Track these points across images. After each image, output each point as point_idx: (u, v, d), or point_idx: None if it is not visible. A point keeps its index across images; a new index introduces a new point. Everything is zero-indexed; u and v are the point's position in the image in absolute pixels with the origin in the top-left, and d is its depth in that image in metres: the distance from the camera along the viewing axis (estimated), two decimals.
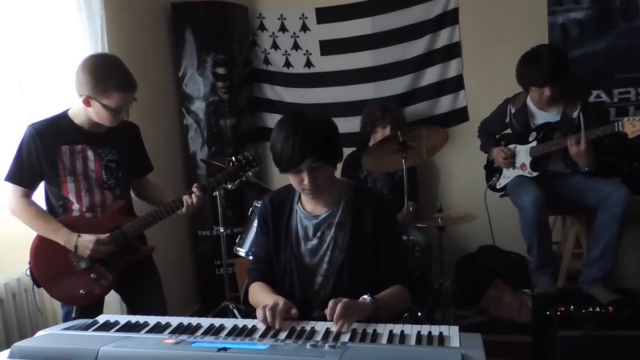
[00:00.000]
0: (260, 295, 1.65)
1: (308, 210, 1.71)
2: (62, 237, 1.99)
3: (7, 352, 1.29)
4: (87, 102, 1.96)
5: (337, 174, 3.40)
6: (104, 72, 1.93)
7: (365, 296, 1.50)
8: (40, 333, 1.39)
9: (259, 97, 3.89)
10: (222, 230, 2.95)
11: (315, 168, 1.57)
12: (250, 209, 2.83)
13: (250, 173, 2.24)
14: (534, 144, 2.80)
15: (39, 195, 2.12)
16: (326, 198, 1.68)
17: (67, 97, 2.20)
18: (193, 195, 2.11)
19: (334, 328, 1.35)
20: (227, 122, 3.58)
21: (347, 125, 3.63)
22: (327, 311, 1.39)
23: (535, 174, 2.79)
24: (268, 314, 1.40)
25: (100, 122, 2.02)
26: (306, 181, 1.58)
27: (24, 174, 2.02)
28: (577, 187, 2.71)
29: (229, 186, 2.77)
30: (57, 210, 2.08)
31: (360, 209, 1.67)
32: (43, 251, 2.02)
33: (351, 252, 1.65)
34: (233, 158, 2.24)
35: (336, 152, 1.64)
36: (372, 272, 1.67)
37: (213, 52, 3.49)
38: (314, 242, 1.69)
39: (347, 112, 3.69)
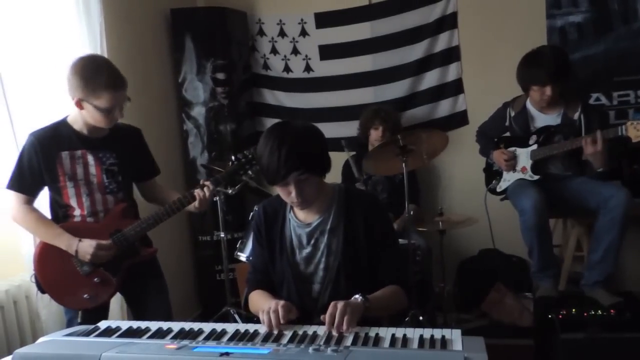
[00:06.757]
0: (261, 301, 1.65)
1: (300, 218, 1.70)
2: (64, 242, 2.00)
3: (8, 358, 1.29)
4: (79, 105, 1.97)
5: (338, 178, 3.42)
6: (91, 73, 1.92)
7: (356, 295, 1.49)
8: (42, 339, 1.39)
9: (258, 102, 3.90)
10: (222, 235, 2.96)
11: (302, 180, 1.54)
12: (251, 214, 2.83)
13: (250, 172, 2.25)
14: (535, 147, 2.80)
15: (44, 204, 2.11)
16: (317, 205, 1.66)
17: (66, 104, 2.19)
18: (205, 189, 2.11)
19: (335, 332, 1.35)
20: (227, 127, 3.58)
21: (347, 129, 3.64)
22: (327, 317, 1.37)
23: (536, 177, 2.79)
24: (272, 316, 1.41)
25: (95, 124, 2.01)
26: (294, 194, 1.56)
27: (25, 181, 2.02)
28: (577, 190, 2.71)
29: (230, 191, 2.78)
30: (59, 217, 2.08)
31: (352, 212, 1.66)
32: (47, 257, 2.02)
33: (346, 258, 1.64)
34: (233, 157, 2.26)
35: (323, 162, 1.61)
36: (368, 276, 1.66)
37: (212, 58, 3.50)
38: (308, 249, 1.68)
39: (347, 116, 3.69)
